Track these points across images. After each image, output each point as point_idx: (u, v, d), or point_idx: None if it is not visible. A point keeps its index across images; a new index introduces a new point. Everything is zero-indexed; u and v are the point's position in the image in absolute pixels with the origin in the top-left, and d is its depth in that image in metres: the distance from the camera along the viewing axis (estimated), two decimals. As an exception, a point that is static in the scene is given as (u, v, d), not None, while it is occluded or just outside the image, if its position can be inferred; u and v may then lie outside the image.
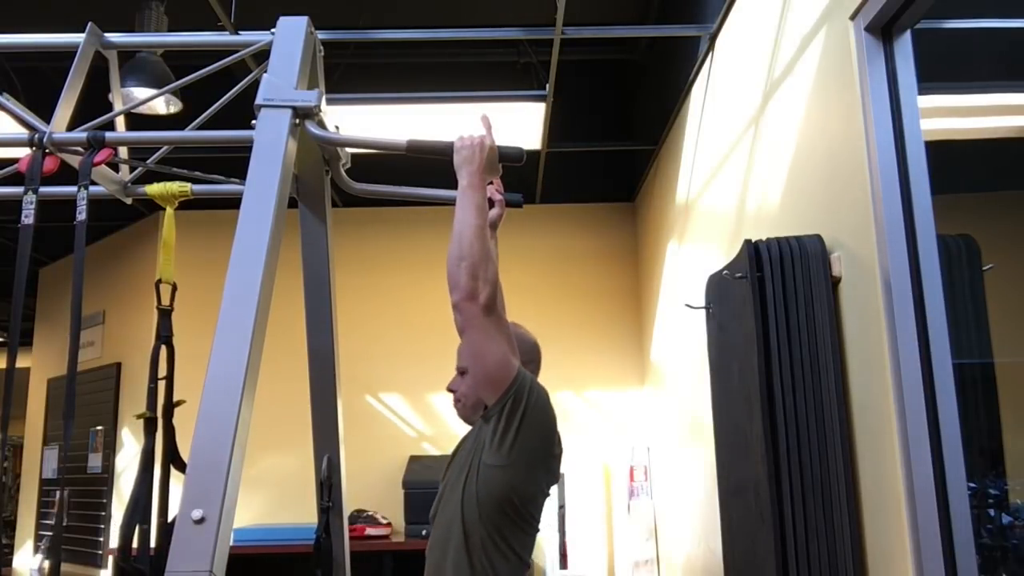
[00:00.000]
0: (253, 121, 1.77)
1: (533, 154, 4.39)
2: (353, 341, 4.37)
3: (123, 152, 2.14)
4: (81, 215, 1.77)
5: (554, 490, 4.71)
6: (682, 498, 4.00)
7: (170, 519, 1.71)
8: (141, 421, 1.85)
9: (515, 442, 1.77)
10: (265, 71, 1.84)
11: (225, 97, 2.07)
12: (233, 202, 1.70)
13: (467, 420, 2.06)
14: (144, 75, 3.54)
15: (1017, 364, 2.45)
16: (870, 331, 1.90)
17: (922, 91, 1.86)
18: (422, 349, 5.01)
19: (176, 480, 1.64)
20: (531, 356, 1.98)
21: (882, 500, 1.85)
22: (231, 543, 1.46)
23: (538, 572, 4.78)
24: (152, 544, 1.78)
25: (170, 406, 1.88)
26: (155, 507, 1.82)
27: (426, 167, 2.10)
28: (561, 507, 4.75)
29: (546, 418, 1.84)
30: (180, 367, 1.90)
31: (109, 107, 2.13)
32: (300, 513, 4.51)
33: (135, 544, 1.76)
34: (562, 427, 2.00)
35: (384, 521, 4.40)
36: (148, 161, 2.19)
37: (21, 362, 1.69)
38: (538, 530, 1.92)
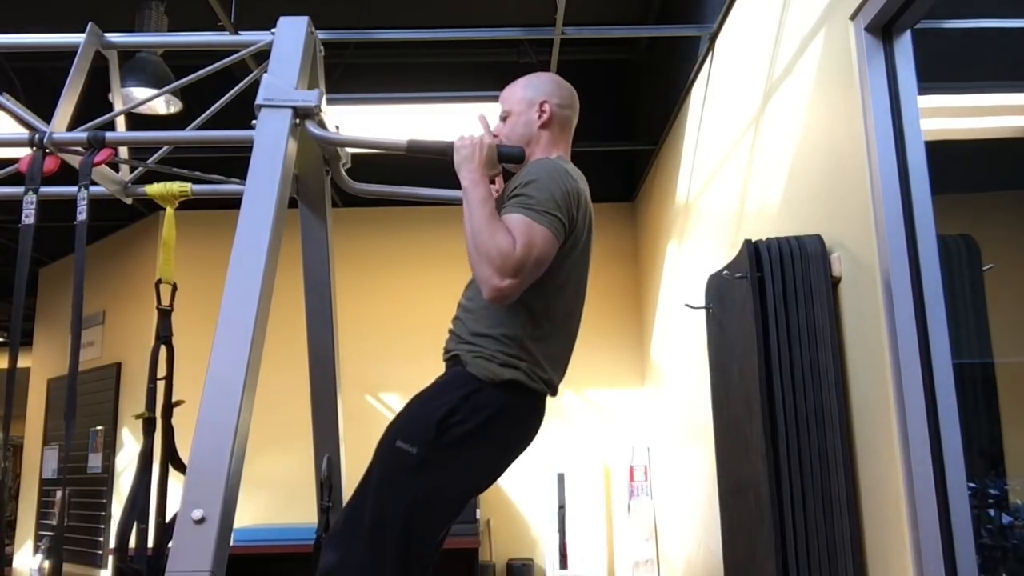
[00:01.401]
0: (253, 121, 1.77)
1: (533, 154, 4.38)
2: (353, 341, 4.37)
3: (123, 152, 2.14)
4: (81, 215, 1.77)
5: (554, 490, 4.75)
6: (682, 498, 4.00)
7: (168, 519, 1.71)
8: (141, 421, 1.85)
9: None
10: (265, 71, 1.84)
11: (225, 97, 2.07)
12: (233, 202, 1.71)
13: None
14: (144, 75, 3.54)
15: (1017, 364, 2.45)
16: (870, 331, 1.90)
17: (922, 91, 1.86)
18: (422, 349, 4.96)
19: (176, 480, 1.64)
20: (570, 102, 1.95)
21: (882, 500, 1.85)
22: (231, 543, 1.45)
23: (538, 572, 4.78)
24: (150, 544, 1.79)
25: (169, 406, 1.88)
26: (153, 507, 1.82)
27: (426, 167, 2.10)
28: (561, 507, 4.75)
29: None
30: (180, 367, 1.90)
31: (109, 107, 2.13)
32: (300, 513, 4.51)
33: (132, 544, 1.76)
34: (562, 427, 2.00)
35: (384, 521, 4.40)
36: (148, 161, 2.19)
37: (21, 362, 1.69)
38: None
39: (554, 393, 1.81)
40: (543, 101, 1.89)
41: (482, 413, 1.67)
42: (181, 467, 1.80)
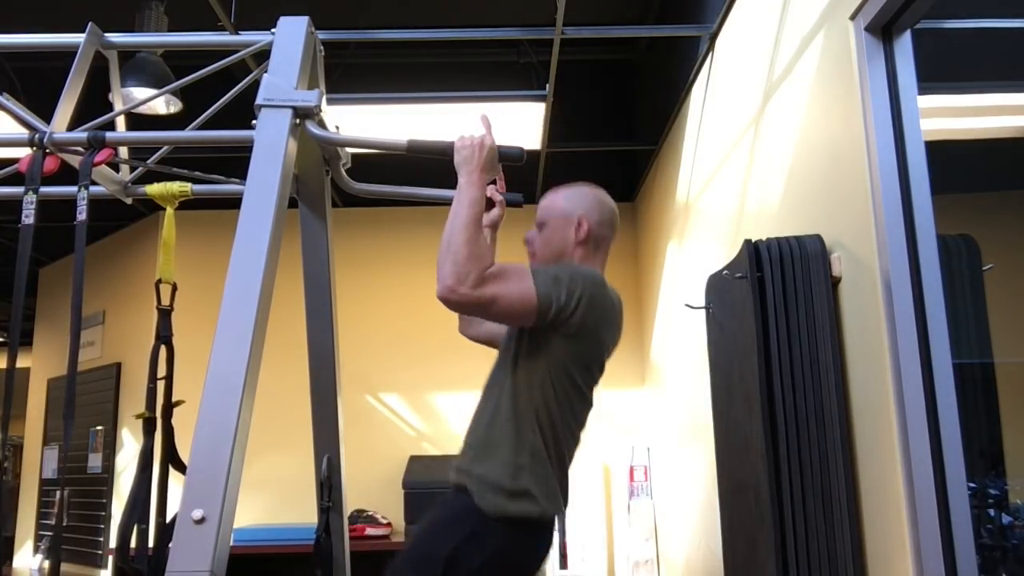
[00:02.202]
0: (253, 121, 1.77)
1: (533, 154, 4.39)
2: (353, 341, 4.37)
3: (123, 152, 2.14)
4: (81, 215, 1.77)
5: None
6: (682, 498, 4.00)
7: (168, 519, 1.71)
8: (141, 421, 1.85)
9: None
10: (265, 71, 1.84)
11: (225, 97, 2.07)
12: (233, 202, 1.71)
13: None
14: (144, 75, 3.54)
15: (1017, 364, 2.45)
16: (870, 331, 1.90)
17: (922, 91, 1.86)
18: (422, 349, 5.01)
19: (176, 480, 1.64)
20: (610, 221, 1.92)
21: (882, 500, 1.85)
22: (231, 543, 1.45)
23: (538, 572, 4.78)
24: (151, 544, 1.78)
25: (169, 406, 1.88)
26: (153, 507, 1.82)
27: (426, 167, 2.10)
28: (561, 507, 4.75)
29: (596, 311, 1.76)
30: (180, 367, 1.90)
31: (109, 107, 2.13)
32: (300, 513, 4.51)
33: (133, 544, 1.76)
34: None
35: (384, 521, 4.41)
36: (148, 161, 2.19)
37: (21, 362, 1.69)
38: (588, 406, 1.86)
39: (563, 512, 1.81)
40: (581, 217, 1.88)
41: (488, 551, 1.66)
42: (181, 467, 1.80)
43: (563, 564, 4.67)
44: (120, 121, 2.17)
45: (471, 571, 1.64)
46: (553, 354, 1.74)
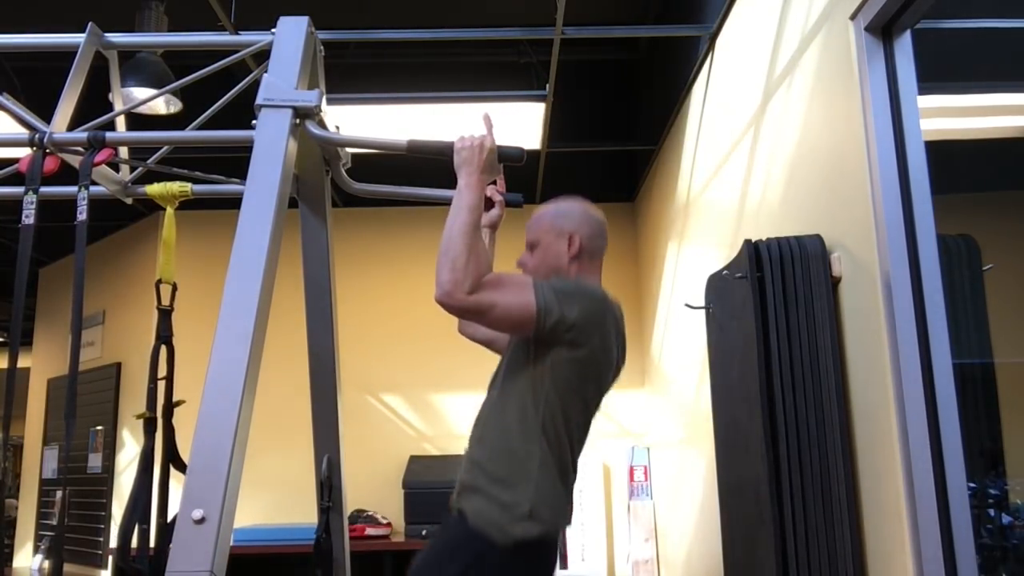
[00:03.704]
0: (253, 121, 1.77)
1: (533, 154, 4.39)
2: (353, 341, 4.37)
3: (123, 152, 2.14)
4: (81, 215, 1.77)
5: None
6: (682, 498, 4.00)
7: (169, 519, 1.71)
8: (141, 421, 1.85)
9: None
10: (265, 71, 1.84)
11: (225, 97, 2.07)
12: (233, 202, 1.71)
13: None
14: (144, 75, 3.54)
15: (1017, 364, 2.45)
16: (870, 331, 1.90)
17: (922, 91, 1.86)
18: (422, 349, 5.01)
19: (176, 480, 1.64)
20: (600, 232, 1.94)
21: (882, 500, 1.85)
22: (231, 543, 1.45)
23: (538, 572, 4.78)
24: (151, 544, 1.78)
25: (170, 406, 1.88)
26: (154, 507, 1.82)
27: (426, 167, 2.10)
28: (561, 507, 4.75)
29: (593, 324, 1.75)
30: (180, 367, 1.90)
31: (109, 107, 2.13)
32: (300, 513, 4.51)
33: (134, 544, 1.76)
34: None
35: (384, 521, 4.41)
36: (148, 161, 2.19)
37: (21, 362, 1.69)
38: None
39: (567, 526, 1.79)
40: (572, 233, 1.89)
41: (496, 572, 1.64)
42: (182, 467, 1.80)
43: (563, 564, 4.67)
44: (120, 121, 2.17)
45: None
46: (556, 367, 1.73)
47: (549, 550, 1.74)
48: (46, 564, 5.24)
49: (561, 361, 1.72)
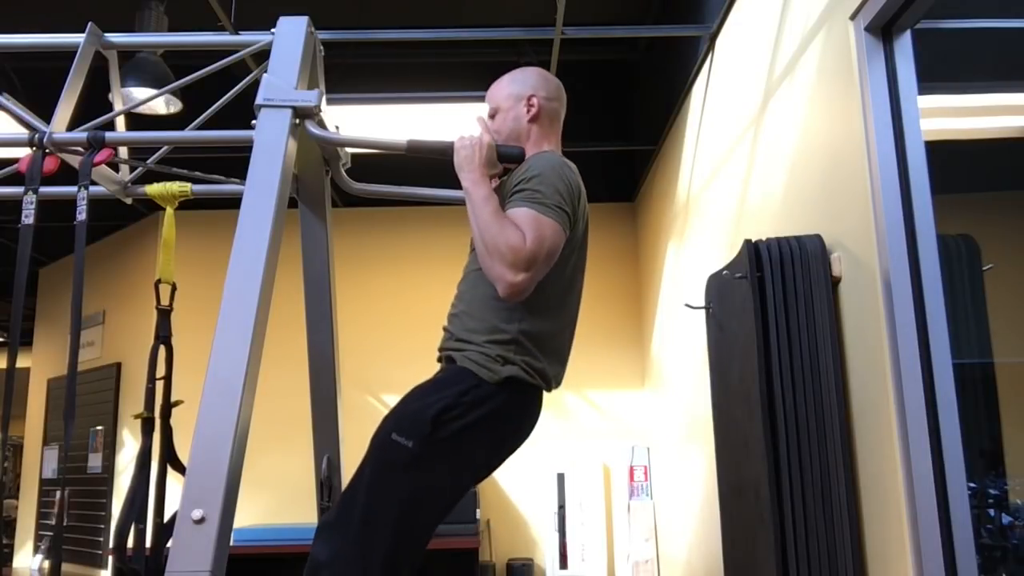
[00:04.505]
0: (253, 121, 1.77)
1: (533, 154, 4.38)
2: (353, 340, 4.37)
3: (123, 152, 2.14)
4: (81, 215, 1.77)
5: (554, 490, 4.74)
6: (682, 498, 4.00)
7: (166, 519, 1.71)
8: (140, 421, 1.85)
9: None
10: (265, 71, 1.84)
11: (225, 97, 2.07)
12: (233, 202, 1.71)
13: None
14: (144, 75, 3.54)
15: (1017, 364, 2.45)
16: (870, 331, 1.90)
17: (922, 91, 1.86)
18: (422, 348, 4.96)
19: (175, 480, 1.64)
20: (558, 95, 1.95)
21: (882, 500, 1.85)
22: (231, 543, 1.45)
23: (538, 572, 4.78)
24: (148, 544, 1.78)
25: (168, 406, 1.88)
26: (152, 507, 1.82)
27: (426, 167, 2.10)
28: (561, 507, 4.75)
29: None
30: (180, 367, 1.90)
31: (109, 107, 2.13)
32: (300, 513, 4.51)
33: (131, 544, 1.76)
34: (562, 427, 1.99)
35: (384, 521, 4.40)
36: (148, 161, 2.19)
37: (21, 362, 1.69)
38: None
39: (551, 388, 1.80)
40: (531, 95, 1.90)
41: (479, 409, 1.66)
42: (180, 467, 1.80)
43: (563, 564, 4.67)
44: (120, 121, 2.17)
45: (460, 429, 1.63)
46: None
47: (534, 398, 1.76)
48: (46, 564, 5.24)
49: None
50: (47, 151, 1.87)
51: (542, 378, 1.75)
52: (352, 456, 2.30)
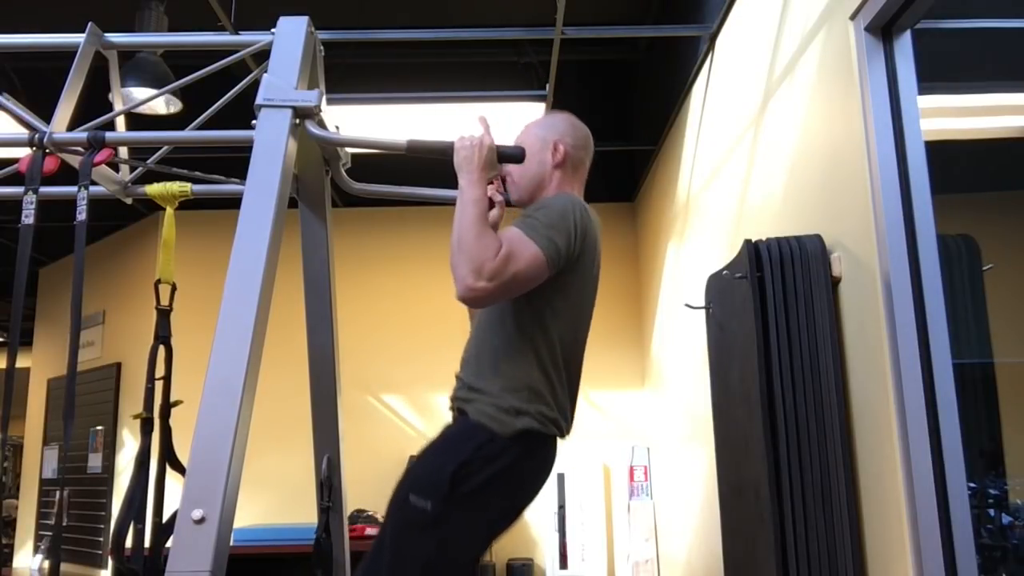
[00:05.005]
0: (253, 121, 1.77)
1: (533, 154, 4.38)
2: (353, 341, 4.37)
3: (123, 152, 2.14)
4: (81, 215, 1.77)
5: (554, 490, 4.74)
6: (682, 498, 4.00)
7: (165, 519, 1.71)
8: (139, 421, 1.85)
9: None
10: (265, 71, 1.84)
11: (225, 97, 2.06)
12: (233, 202, 1.70)
13: (520, 202, 1.95)
14: (144, 75, 3.54)
15: (1017, 364, 2.45)
16: (870, 331, 1.90)
17: (922, 91, 1.86)
18: (422, 349, 5.01)
19: (174, 480, 1.64)
20: (584, 144, 1.94)
21: (882, 500, 1.85)
22: (231, 543, 1.45)
23: (538, 572, 4.78)
24: (146, 544, 1.78)
25: (167, 406, 1.88)
26: (151, 507, 1.82)
27: (426, 167, 2.10)
28: (561, 507, 4.75)
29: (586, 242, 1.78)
30: (180, 367, 1.90)
31: (109, 107, 2.13)
32: (300, 513, 4.51)
33: (129, 544, 1.76)
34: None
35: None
36: (148, 161, 2.19)
37: (21, 362, 1.69)
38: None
39: (565, 435, 1.80)
40: (557, 141, 1.89)
41: (496, 465, 1.65)
42: (179, 467, 1.80)
43: (563, 564, 4.67)
44: (120, 121, 2.17)
45: (479, 486, 1.63)
46: (545, 286, 1.73)
47: (548, 448, 1.76)
48: (46, 564, 5.24)
49: (550, 280, 1.73)
50: (47, 151, 1.87)
51: (555, 426, 1.74)
52: (352, 456, 2.30)
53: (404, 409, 5.06)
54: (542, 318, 1.74)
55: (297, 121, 1.80)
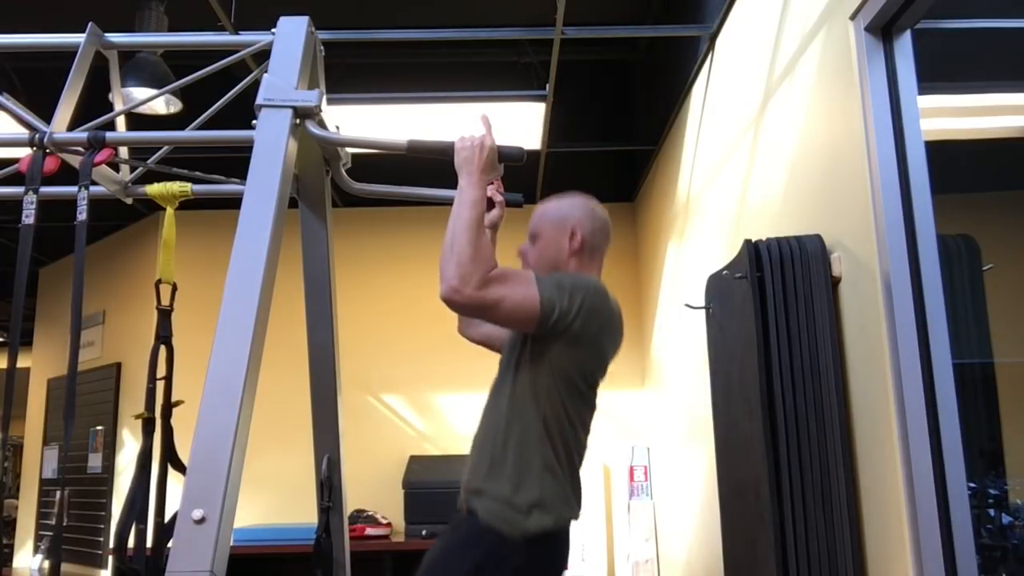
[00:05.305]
0: (253, 121, 1.77)
1: (533, 154, 4.39)
2: (353, 341, 4.37)
3: (123, 152, 2.14)
4: (81, 215, 1.77)
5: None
6: (682, 498, 4.00)
7: (166, 519, 1.71)
8: (140, 421, 1.85)
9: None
10: (265, 71, 1.84)
11: (225, 97, 2.06)
12: (233, 202, 1.70)
13: None
14: (144, 75, 3.54)
15: (1017, 364, 2.45)
16: (870, 331, 1.90)
17: (922, 91, 1.86)
18: (422, 349, 5.01)
19: (175, 480, 1.64)
20: (603, 229, 1.92)
21: (882, 500, 1.85)
22: (231, 543, 1.45)
23: (538, 572, 4.78)
24: (149, 544, 1.78)
25: (168, 406, 1.88)
26: (152, 507, 1.82)
27: (426, 167, 2.10)
28: (561, 507, 4.75)
29: (598, 313, 1.77)
30: (180, 367, 1.90)
31: (109, 107, 2.13)
32: (300, 513, 4.51)
33: (131, 544, 1.76)
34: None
35: (384, 521, 4.40)
36: (148, 161, 2.19)
37: (21, 362, 1.69)
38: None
39: (577, 517, 1.79)
40: (574, 228, 1.88)
41: (508, 569, 1.64)
42: (180, 467, 1.80)
43: (563, 564, 4.66)
44: (120, 121, 2.17)
45: None
46: (555, 362, 1.74)
47: (560, 542, 1.74)
48: (46, 564, 5.24)
49: (560, 355, 1.73)
50: (47, 151, 1.87)
51: (571, 512, 1.74)
52: (352, 456, 2.30)
53: (404, 409, 5.06)
54: (557, 414, 1.74)
55: (297, 121, 1.80)
